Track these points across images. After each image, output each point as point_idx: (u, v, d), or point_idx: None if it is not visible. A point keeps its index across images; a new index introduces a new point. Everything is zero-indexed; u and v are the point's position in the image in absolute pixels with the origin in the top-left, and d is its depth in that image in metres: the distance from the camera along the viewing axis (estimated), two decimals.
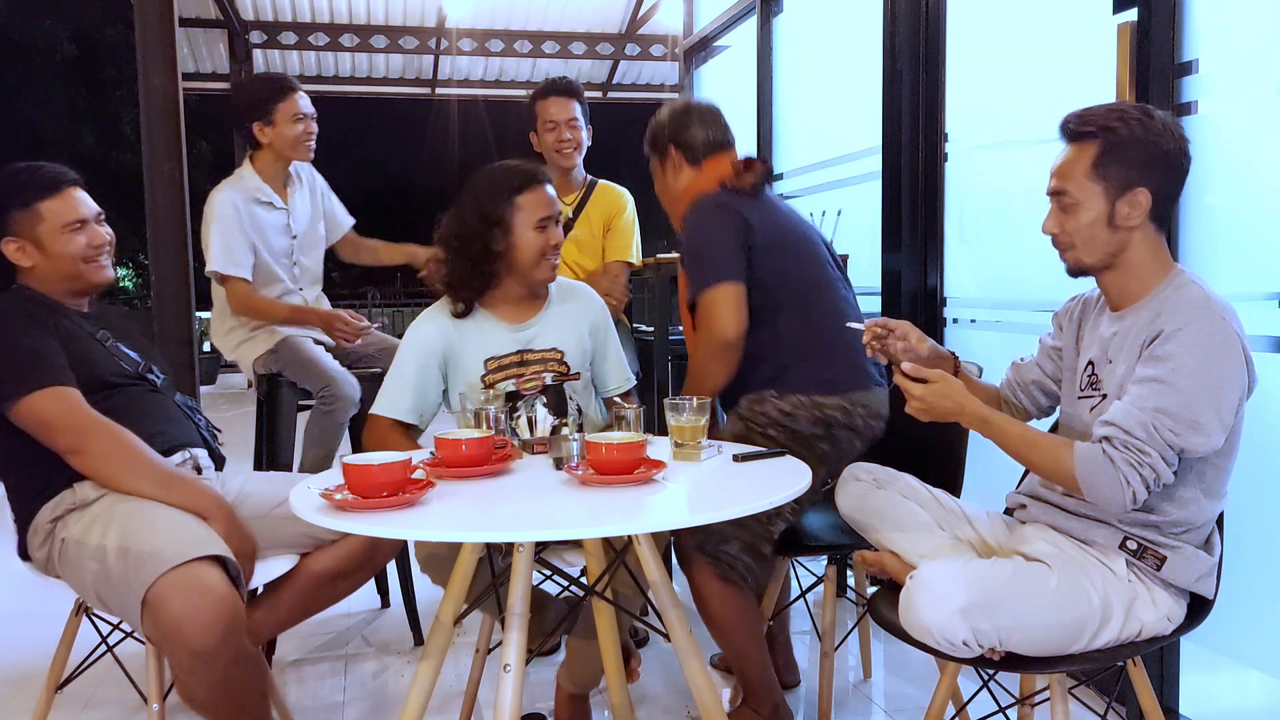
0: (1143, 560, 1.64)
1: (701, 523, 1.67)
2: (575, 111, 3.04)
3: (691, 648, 1.80)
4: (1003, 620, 1.57)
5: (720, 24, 4.93)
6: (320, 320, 2.94)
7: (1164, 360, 1.54)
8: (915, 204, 3.15)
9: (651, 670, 2.73)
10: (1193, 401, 1.52)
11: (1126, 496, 1.53)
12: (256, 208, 2.94)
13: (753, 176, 2.31)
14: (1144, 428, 1.52)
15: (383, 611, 3.26)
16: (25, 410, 1.90)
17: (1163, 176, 1.63)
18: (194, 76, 9.46)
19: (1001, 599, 1.58)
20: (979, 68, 3.04)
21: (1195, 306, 1.57)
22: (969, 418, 1.68)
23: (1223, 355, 1.54)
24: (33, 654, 2.72)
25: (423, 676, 1.76)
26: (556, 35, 8.98)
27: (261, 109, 2.91)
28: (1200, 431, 1.53)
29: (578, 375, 2.27)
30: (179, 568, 1.73)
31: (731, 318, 2.17)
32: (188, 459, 2.14)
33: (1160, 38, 2.23)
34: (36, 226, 2.04)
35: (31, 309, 2.02)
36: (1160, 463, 1.53)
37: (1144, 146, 1.61)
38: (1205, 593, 1.68)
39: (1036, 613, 1.59)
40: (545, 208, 2.17)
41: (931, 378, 1.69)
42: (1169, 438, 1.53)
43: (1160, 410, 1.52)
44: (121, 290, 16.19)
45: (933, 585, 1.59)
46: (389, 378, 2.21)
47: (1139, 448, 1.52)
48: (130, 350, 2.16)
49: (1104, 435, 1.56)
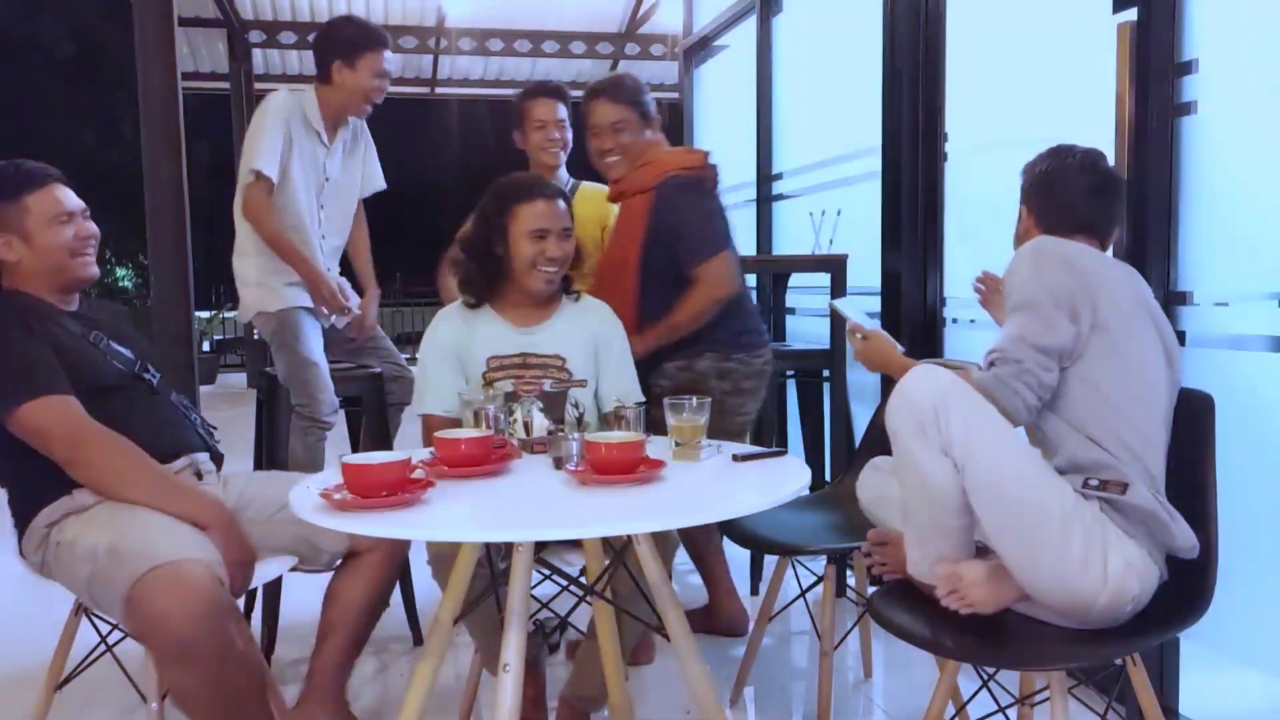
0: (1107, 491, 1.69)
1: (701, 523, 1.67)
2: (562, 114, 3.14)
3: (691, 648, 1.80)
4: (971, 417, 1.67)
5: (720, 24, 4.93)
6: (310, 275, 2.94)
7: (1009, 296, 1.82)
8: (915, 204, 3.15)
9: (651, 670, 2.73)
10: (1037, 309, 1.75)
11: (1020, 404, 1.72)
12: (305, 132, 2.98)
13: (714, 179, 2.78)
14: (1011, 341, 1.76)
15: (383, 612, 3.26)
16: (22, 419, 1.88)
17: (1036, 193, 1.95)
18: (194, 76, 9.46)
19: (980, 406, 1.70)
20: (979, 68, 3.04)
21: (1019, 252, 1.86)
22: (896, 368, 1.97)
23: (1040, 268, 1.78)
24: (32, 654, 2.71)
25: (422, 676, 1.75)
26: (556, 35, 8.98)
27: (349, 50, 2.96)
28: (1054, 329, 1.73)
29: (583, 382, 2.28)
30: (164, 565, 1.72)
31: (736, 278, 2.68)
32: (189, 464, 2.13)
33: (1160, 37, 2.23)
34: (24, 219, 2.02)
35: (24, 316, 1.99)
36: (1036, 368, 1.72)
37: (1025, 179, 1.98)
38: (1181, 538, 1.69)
39: (1001, 446, 1.69)
40: (541, 219, 2.23)
41: (868, 334, 2.08)
42: (1034, 342, 1.74)
43: (1019, 326, 1.76)
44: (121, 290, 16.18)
45: (929, 368, 1.78)
46: (418, 380, 2.31)
47: (1013, 359, 1.74)
48: (123, 348, 2.14)
49: (988, 361, 1.78)
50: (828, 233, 3.63)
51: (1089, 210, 1.89)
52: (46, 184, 2.06)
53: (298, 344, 2.94)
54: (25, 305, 2.03)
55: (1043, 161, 1.95)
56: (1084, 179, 1.89)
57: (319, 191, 3.05)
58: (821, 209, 3.76)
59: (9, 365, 1.91)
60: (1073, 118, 2.61)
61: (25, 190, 2.03)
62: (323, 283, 2.96)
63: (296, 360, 2.93)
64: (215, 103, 9.84)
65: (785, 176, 4.33)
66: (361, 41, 2.97)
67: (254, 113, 3.00)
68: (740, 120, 4.64)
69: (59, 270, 2.06)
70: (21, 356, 1.92)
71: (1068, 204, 1.89)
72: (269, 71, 9.41)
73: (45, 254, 2.04)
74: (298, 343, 2.94)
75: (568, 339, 2.31)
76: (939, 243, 3.14)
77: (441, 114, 18.07)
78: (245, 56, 8.70)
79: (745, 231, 4.48)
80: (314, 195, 3.04)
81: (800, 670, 2.82)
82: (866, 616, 2.59)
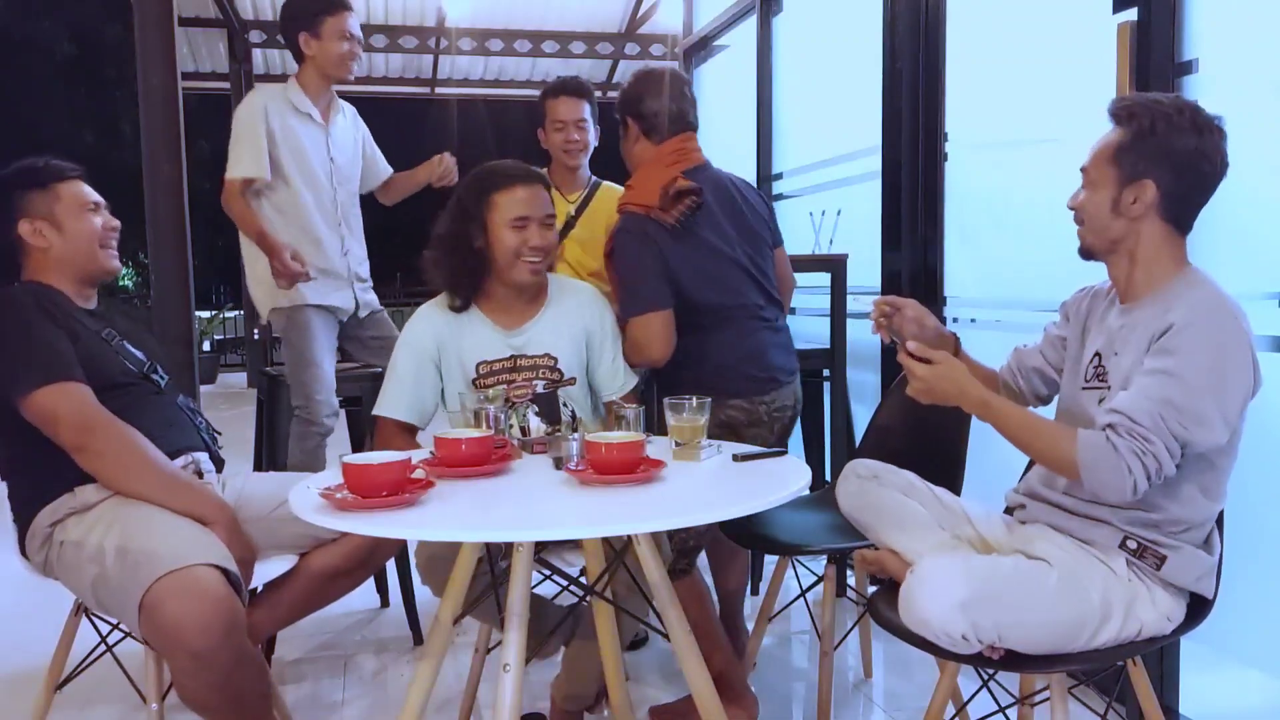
0: (1143, 560, 1.64)
1: (701, 523, 1.66)
2: (584, 112, 3.05)
3: (691, 648, 1.80)
4: (1002, 616, 1.56)
5: (720, 24, 4.93)
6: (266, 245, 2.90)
7: (1173, 354, 1.54)
8: (915, 204, 3.15)
9: (652, 670, 2.73)
10: (1199, 395, 1.52)
11: (1128, 485, 1.52)
12: (293, 119, 2.97)
13: (679, 211, 2.35)
14: (1150, 416, 1.52)
15: (383, 611, 3.26)
16: (36, 403, 1.89)
17: (1173, 175, 1.62)
18: (194, 76, 9.47)
19: (1001, 594, 1.58)
20: (979, 68, 3.04)
21: (1207, 303, 1.57)
22: (970, 401, 1.69)
23: (1231, 352, 1.54)
24: (32, 654, 2.71)
25: (422, 676, 1.76)
26: (556, 35, 8.98)
27: (310, 20, 2.95)
28: (1205, 425, 1.52)
29: (573, 380, 2.25)
30: (176, 571, 1.73)
31: (661, 343, 2.33)
32: (190, 463, 2.14)
33: (1160, 37, 2.23)
34: (54, 205, 2.07)
35: (44, 304, 2.02)
36: (1164, 453, 1.52)
37: (1159, 140, 1.61)
38: (1205, 592, 1.68)
39: (1036, 610, 1.59)
40: (522, 206, 2.14)
41: (935, 359, 1.70)
42: (1174, 429, 1.52)
43: (1166, 401, 1.52)
44: (122, 289, 16.21)
45: (933, 579, 1.59)
46: (387, 378, 2.23)
47: (1144, 436, 1.51)
48: (135, 349, 2.16)
49: (1109, 423, 1.55)
50: (828, 233, 3.63)
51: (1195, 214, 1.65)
52: (73, 177, 2.13)
53: (302, 343, 2.94)
54: (44, 293, 2.06)
55: (1190, 134, 1.59)
56: (1222, 175, 1.63)
57: (330, 175, 3.04)
58: (821, 209, 3.76)
59: (28, 349, 1.92)
60: (1073, 118, 2.61)
61: (56, 179, 2.10)
62: (276, 252, 2.88)
63: (299, 359, 2.94)
64: (215, 103, 9.85)
65: (785, 176, 4.32)
66: (320, 8, 2.95)
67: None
68: (740, 120, 4.64)
69: (87, 258, 2.10)
70: (41, 341, 1.94)
71: (1203, 202, 1.63)
72: (269, 71, 9.41)
73: (74, 240, 2.08)
74: (302, 341, 2.94)
75: (557, 334, 2.24)
76: (939, 243, 3.14)
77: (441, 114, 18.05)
78: (245, 56, 8.70)
79: None
80: (326, 179, 3.03)
81: (800, 670, 2.82)
82: (866, 616, 2.59)
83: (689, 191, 2.36)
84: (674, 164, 2.42)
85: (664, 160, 2.43)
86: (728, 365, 2.41)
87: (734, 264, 2.44)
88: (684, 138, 2.48)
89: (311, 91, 3.00)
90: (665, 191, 2.35)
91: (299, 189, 2.97)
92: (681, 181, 2.36)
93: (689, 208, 2.36)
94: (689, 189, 2.36)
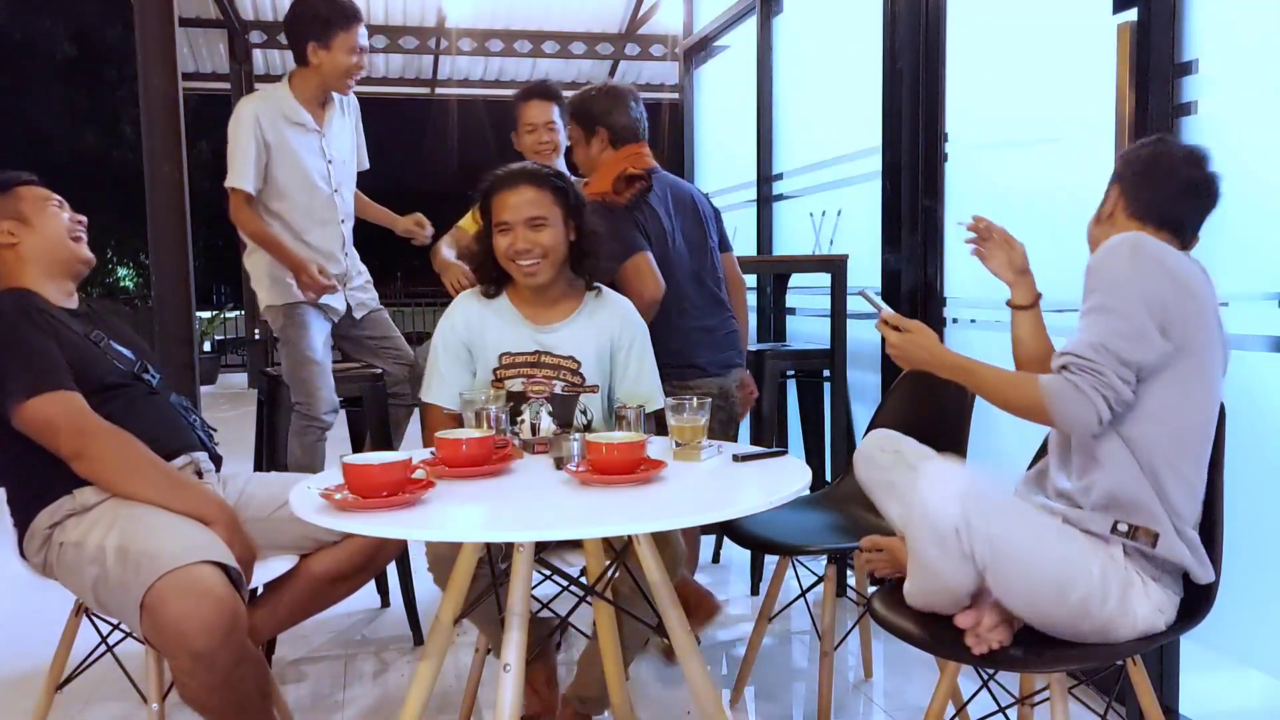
0: (1136, 539, 1.65)
1: (701, 523, 1.66)
2: (553, 115, 3.12)
3: (691, 648, 1.80)
4: (995, 529, 1.60)
5: (720, 24, 4.93)
6: (290, 262, 2.92)
7: (1094, 291, 1.67)
8: (915, 204, 3.15)
9: (652, 670, 2.73)
10: (1124, 317, 1.62)
11: (1093, 415, 1.61)
12: (287, 128, 2.94)
13: (630, 194, 2.64)
14: (1093, 348, 1.62)
15: (383, 611, 3.26)
16: (29, 413, 1.89)
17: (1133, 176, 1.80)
18: (194, 76, 9.46)
19: (1002, 508, 1.63)
20: (979, 68, 3.04)
21: (1109, 244, 1.70)
22: (943, 365, 1.81)
23: (1140, 270, 1.64)
24: (33, 654, 2.72)
25: (423, 676, 1.76)
26: (556, 35, 8.98)
27: (321, 29, 2.90)
28: (1143, 339, 1.61)
29: (595, 388, 2.25)
30: (177, 570, 1.73)
31: (653, 280, 2.57)
32: (189, 463, 2.14)
33: (1160, 37, 2.23)
34: (18, 204, 2.09)
35: (28, 310, 2.00)
36: (1116, 380, 1.61)
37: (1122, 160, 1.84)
38: (1201, 576, 1.69)
39: (1029, 542, 1.62)
40: (505, 211, 2.19)
41: (909, 327, 1.84)
42: (1118, 353, 1.61)
43: (1100, 332, 1.63)
44: (122, 290, 16.23)
45: (941, 470, 1.67)
46: (428, 366, 2.30)
47: (1094, 368, 1.61)
48: (124, 349, 2.15)
49: (1062, 364, 1.65)
50: (828, 233, 3.64)
51: (1182, 207, 1.77)
52: (31, 182, 2.15)
53: (300, 340, 2.94)
54: (28, 301, 2.05)
55: (1147, 146, 1.83)
56: (1186, 171, 1.77)
57: (327, 179, 3.03)
58: (821, 209, 3.76)
59: (18, 359, 1.92)
60: (1073, 118, 2.61)
61: (14, 184, 2.11)
62: (303, 268, 2.92)
63: (297, 356, 2.94)
64: (215, 103, 9.84)
65: (785, 177, 4.33)
66: (334, 18, 2.89)
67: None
68: (740, 120, 4.64)
69: (59, 248, 2.10)
70: (30, 350, 1.93)
71: (1164, 195, 1.77)
72: (269, 72, 9.40)
73: (43, 232, 2.08)
74: (300, 339, 2.94)
75: (584, 341, 2.25)
76: (939, 243, 3.14)
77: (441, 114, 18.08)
78: (246, 57, 8.70)
79: (745, 232, 4.48)
80: (325, 184, 3.02)
81: (800, 670, 2.82)
82: (866, 616, 2.59)
83: (638, 177, 2.65)
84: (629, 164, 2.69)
85: (621, 162, 2.69)
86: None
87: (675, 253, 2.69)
88: (640, 144, 2.76)
89: (306, 98, 2.97)
90: (618, 178, 2.64)
91: (293, 196, 2.97)
92: (631, 169, 2.66)
93: (639, 191, 2.65)
94: (638, 174, 2.65)
